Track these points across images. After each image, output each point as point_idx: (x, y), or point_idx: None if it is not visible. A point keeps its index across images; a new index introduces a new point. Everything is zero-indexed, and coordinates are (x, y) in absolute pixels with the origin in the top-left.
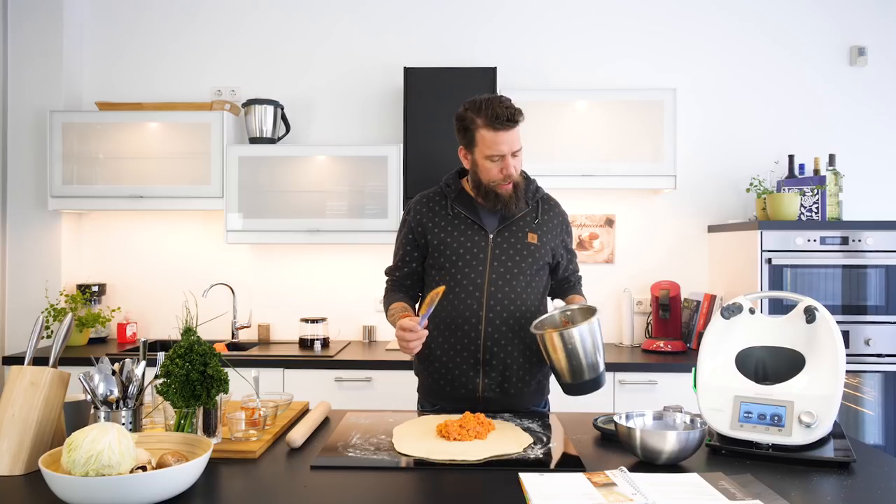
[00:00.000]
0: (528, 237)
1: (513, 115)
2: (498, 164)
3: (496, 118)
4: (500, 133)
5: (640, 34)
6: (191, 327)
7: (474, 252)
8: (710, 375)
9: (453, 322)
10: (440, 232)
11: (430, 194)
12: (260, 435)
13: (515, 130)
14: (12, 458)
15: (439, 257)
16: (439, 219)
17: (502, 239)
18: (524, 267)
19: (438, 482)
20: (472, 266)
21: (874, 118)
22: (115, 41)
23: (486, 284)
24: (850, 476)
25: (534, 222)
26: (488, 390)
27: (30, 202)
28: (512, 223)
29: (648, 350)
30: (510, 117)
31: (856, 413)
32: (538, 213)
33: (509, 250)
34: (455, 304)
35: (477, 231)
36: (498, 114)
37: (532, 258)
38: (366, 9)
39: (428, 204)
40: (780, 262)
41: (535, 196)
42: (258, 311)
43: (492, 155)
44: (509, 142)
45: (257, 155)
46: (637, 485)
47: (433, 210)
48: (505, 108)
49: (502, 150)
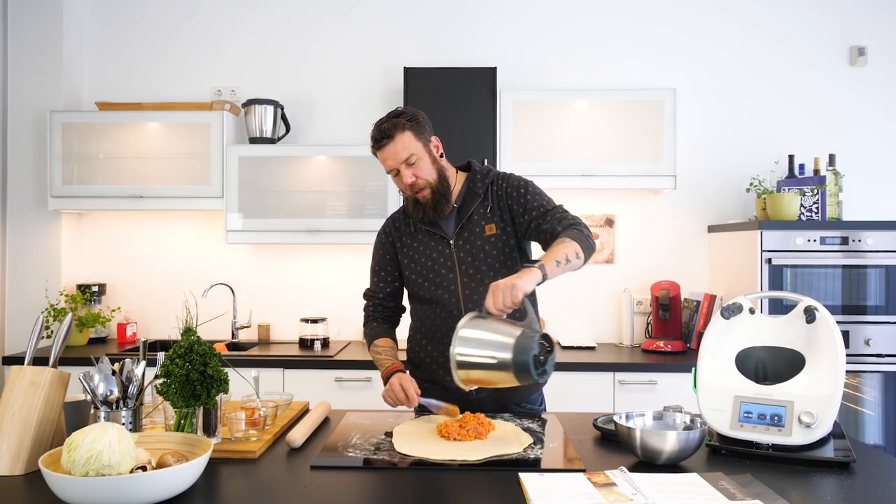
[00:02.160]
0: (486, 229)
1: (385, 131)
2: (398, 179)
3: (373, 141)
4: (381, 151)
5: (639, 34)
6: (191, 327)
7: (441, 261)
8: (710, 375)
9: (438, 331)
10: (408, 250)
11: (396, 214)
12: (260, 435)
13: (396, 143)
14: (12, 458)
15: (411, 274)
16: (405, 237)
17: (463, 241)
18: (491, 262)
19: (438, 482)
20: (443, 275)
21: (874, 118)
22: (115, 41)
23: (460, 289)
24: (850, 476)
25: (487, 212)
26: (482, 390)
27: (30, 202)
28: (467, 220)
29: (648, 350)
30: (383, 134)
31: (856, 413)
32: (489, 198)
33: (472, 250)
34: (437, 314)
35: (439, 240)
36: (373, 136)
37: (496, 249)
38: (366, 9)
39: (394, 224)
40: (780, 262)
41: (484, 183)
42: (258, 311)
43: (389, 171)
44: (392, 156)
45: (257, 155)
46: (637, 485)
47: (399, 230)
48: (379, 128)
49: (389, 165)
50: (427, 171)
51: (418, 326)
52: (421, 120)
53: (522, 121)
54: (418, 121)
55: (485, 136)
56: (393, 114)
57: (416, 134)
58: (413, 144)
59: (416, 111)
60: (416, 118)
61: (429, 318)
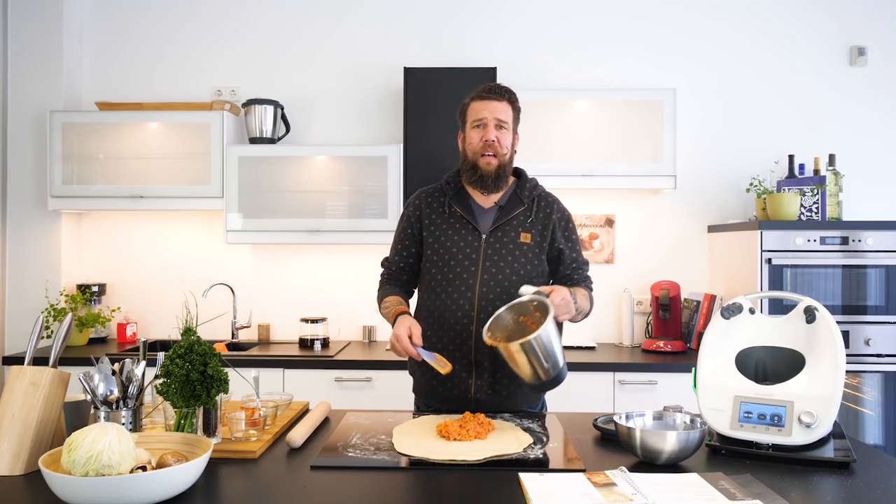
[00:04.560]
0: (521, 237)
1: (500, 88)
2: (480, 132)
3: (484, 90)
4: (485, 101)
5: (639, 34)
6: (191, 327)
7: (466, 252)
8: (710, 375)
9: (445, 321)
10: (435, 229)
11: (430, 190)
12: (260, 435)
13: (502, 104)
14: (12, 458)
15: (432, 255)
16: (436, 216)
17: (495, 239)
18: (517, 267)
19: (438, 482)
20: (464, 266)
21: (874, 118)
22: (115, 41)
23: (478, 284)
24: (850, 476)
25: (527, 221)
26: (480, 392)
27: (30, 202)
28: (505, 223)
29: (648, 350)
30: (496, 90)
31: (856, 413)
32: (533, 211)
33: (501, 250)
34: (447, 304)
35: (471, 231)
36: (490, 87)
37: (525, 258)
38: (366, 9)
39: (427, 199)
40: (780, 262)
41: (531, 194)
42: (258, 311)
43: (476, 120)
44: (492, 109)
45: (257, 155)
46: (637, 485)
47: (431, 206)
48: (494, 84)
49: (484, 115)
50: (506, 142)
51: (424, 317)
52: (519, 107)
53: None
54: (519, 107)
55: None
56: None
57: (515, 114)
58: (510, 116)
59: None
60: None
61: (436, 306)
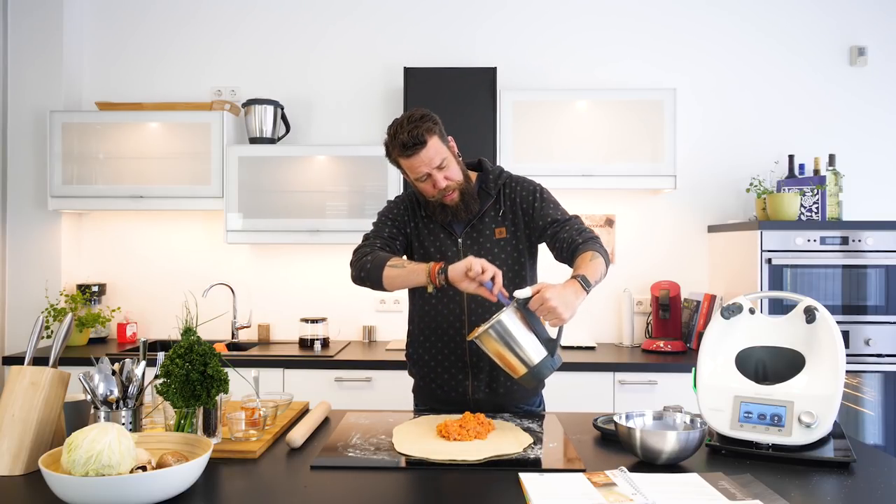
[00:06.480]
0: (496, 233)
1: (417, 137)
2: (428, 183)
3: (404, 147)
4: (413, 158)
5: (639, 34)
6: (191, 327)
7: (448, 256)
8: (710, 375)
9: (438, 328)
10: (419, 234)
11: (412, 196)
12: (260, 435)
13: (429, 149)
14: (12, 458)
15: (419, 260)
16: (417, 220)
17: (471, 241)
18: (498, 264)
19: (438, 482)
20: None
21: (874, 118)
22: (115, 41)
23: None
24: (850, 476)
25: (498, 215)
26: (478, 392)
27: (30, 202)
28: (478, 220)
29: (648, 350)
30: (415, 141)
31: (856, 413)
32: (501, 202)
33: (480, 251)
34: (438, 308)
35: (448, 235)
36: (404, 142)
37: (505, 252)
38: (365, 9)
39: (411, 205)
40: (780, 262)
41: (496, 184)
42: (258, 311)
43: (417, 178)
44: (426, 161)
45: (257, 155)
46: (637, 485)
47: (414, 211)
48: (409, 133)
49: (422, 170)
50: (455, 173)
51: (416, 322)
52: (439, 121)
53: (522, 121)
54: (438, 122)
55: (485, 136)
56: (413, 118)
57: (441, 136)
58: (441, 147)
59: (430, 112)
60: (436, 120)
61: (428, 314)
